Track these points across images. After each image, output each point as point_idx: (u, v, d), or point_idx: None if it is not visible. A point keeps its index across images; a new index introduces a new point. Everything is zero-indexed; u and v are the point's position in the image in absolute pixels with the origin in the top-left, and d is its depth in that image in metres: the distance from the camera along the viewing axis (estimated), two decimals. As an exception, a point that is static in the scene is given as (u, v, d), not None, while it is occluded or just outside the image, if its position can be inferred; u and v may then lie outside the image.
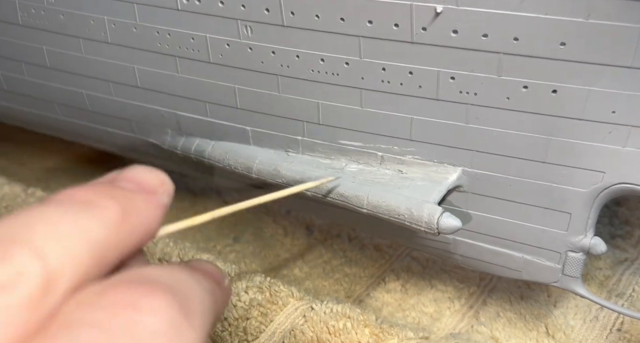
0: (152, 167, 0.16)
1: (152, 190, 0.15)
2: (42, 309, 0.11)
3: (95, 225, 0.13)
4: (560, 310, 0.37)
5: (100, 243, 0.12)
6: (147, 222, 0.14)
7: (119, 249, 0.13)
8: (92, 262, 0.12)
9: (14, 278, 0.11)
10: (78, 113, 0.38)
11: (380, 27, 0.25)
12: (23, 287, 0.11)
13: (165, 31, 0.30)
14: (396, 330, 0.32)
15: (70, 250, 0.12)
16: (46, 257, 0.11)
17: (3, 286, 0.11)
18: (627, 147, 0.25)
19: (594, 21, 0.22)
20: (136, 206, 0.14)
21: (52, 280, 0.11)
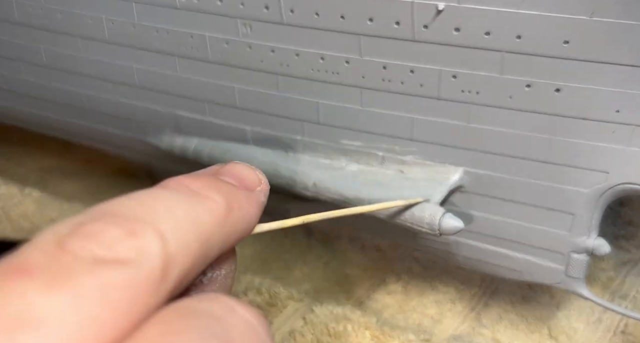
0: (251, 166, 0.16)
1: (252, 187, 0.15)
2: (157, 296, 0.11)
3: (206, 217, 0.13)
4: (563, 312, 0.37)
5: (207, 235, 0.13)
6: (247, 218, 0.14)
7: (221, 243, 0.13)
8: (199, 253, 0.12)
9: (137, 255, 0.11)
10: (75, 112, 0.38)
11: (381, 25, 0.25)
12: (146, 265, 0.11)
13: (164, 30, 0.30)
14: (397, 333, 0.32)
15: (185, 238, 0.12)
16: (167, 240, 0.11)
17: (128, 261, 0.11)
18: (631, 146, 0.25)
19: (598, 19, 0.22)
20: (239, 202, 0.14)
21: (169, 265, 0.11)
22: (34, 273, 0.10)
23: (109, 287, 0.10)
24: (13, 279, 0.10)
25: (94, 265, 0.10)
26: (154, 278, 0.11)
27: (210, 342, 0.10)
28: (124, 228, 0.11)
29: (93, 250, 0.11)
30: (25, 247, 0.11)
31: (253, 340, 0.11)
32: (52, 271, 0.10)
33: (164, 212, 0.12)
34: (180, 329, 0.10)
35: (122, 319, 0.10)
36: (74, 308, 0.10)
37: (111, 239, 0.11)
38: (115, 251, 0.11)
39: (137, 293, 0.10)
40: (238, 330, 0.11)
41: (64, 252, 0.10)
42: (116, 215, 0.11)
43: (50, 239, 0.11)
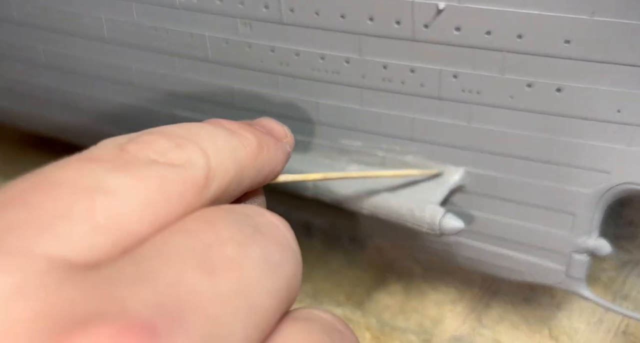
0: (279, 122, 0.18)
1: (279, 137, 0.17)
2: (200, 198, 0.13)
3: (241, 149, 0.15)
4: (564, 312, 0.36)
5: (242, 165, 0.14)
6: (274, 161, 0.16)
7: (252, 178, 0.15)
8: (234, 178, 0.14)
9: (185, 162, 0.13)
10: (75, 112, 0.38)
11: (381, 24, 0.25)
12: (192, 171, 0.13)
13: (163, 29, 0.30)
14: (398, 333, 0.32)
15: (224, 162, 0.14)
16: (209, 157, 0.13)
17: (178, 165, 0.12)
18: (632, 146, 0.25)
19: (599, 18, 0.22)
20: (268, 145, 0.16)
21: (210, 176, 0.13)
22: (102, 161, 0.12)
23: (163, 179, 0.12)
24: (87, 162, 0.12)
25: (149, 163, 0.12)
26: (198, 183, 0.13)
27: (243, 226, 0.12)
28: (174, 142, 0.13)
29: (148, 154, 0.12)
30: (91, 148, 0.13)
31: (278, 235, 0.13)
32: (117, 162, 0.12)
33: (207, 137, 0.14)
34: (219, 215, 0.12)
35: (172, 206, 0.12)
36: (136, 188, 0.11)
37: (163, 148, 0.13)
38: (167, 157, 0.12)
39: (184, 190, 0.12)
40: (266, 225, 0.13)
41: (124, 152, 0.12)
42: (167, 133, 0.13)
43: (112, 144, 0.13)
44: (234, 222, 0.12)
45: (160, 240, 0.11)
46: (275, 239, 0.13)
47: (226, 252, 0.11)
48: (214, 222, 0.12)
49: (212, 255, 0.11)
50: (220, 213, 0.12)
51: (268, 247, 0.12)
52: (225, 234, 0.11)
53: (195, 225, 0.11)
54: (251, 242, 0.12)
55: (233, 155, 0.14)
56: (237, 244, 0.11)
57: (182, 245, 0.11)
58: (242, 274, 0.11)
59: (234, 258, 0.11)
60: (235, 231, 0.12)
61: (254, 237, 0.12)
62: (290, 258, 0.13)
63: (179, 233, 0.11)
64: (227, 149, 0.14)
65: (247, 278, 0.11)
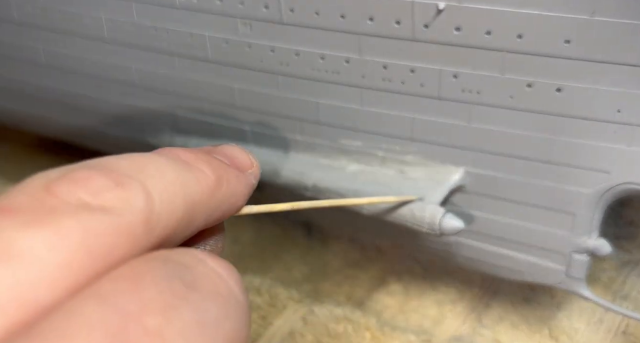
0: (244, 149, 0.17)
1: (243, 168, 0.16)
2: (136, 247, 0.11)
3: (194, 186, 0.13)
4: (564, 312, 0.36)
5: (193, 203, 0.13)
6: (235, 196, 0.15)
7: (206, 216, 0.14)
8: (183, 219, 0.13)
9: (121, 205, 0.11)
10: (75, 112, 0.38)
11: (381, 24, 0.25)
12: (128, 216, 0.11)
13: (163, 29, 0.30)
14: (398, 333, 0.32)
15: (171, 201, 0.12)
16: (152, 197, 0.12)
17: (112, 209, 0.11)
18: (632, 146, 0.25)
19: (599, 18, 0.22)
20: (228, 179, 0.14)
21: (151, 221, 0.12)
22: (16, 212, 0.10)
23: (89, 231, 0.10)
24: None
25: (78, 209, 0.11)
26: (135, 231, 0.11)
27: (174, 283, 0.11)
28: (113, 180, 0.11)
29: (79, 195, 0.11)
30: (13, 189, 0.11)
31: (220, 288, 0.11)
32: (35, 211, 0.10)
33: (154, 172, 0.12)
34: (147, 270, 0.11)
35: (97, 264, 0.10)
36: (52, 247, 0.10)
37: (98, 187, 0.11)
38: (101, 198, 0.11)
39: (115, 242, 0.11)
40: (206, 278, 0.11)
41: (50, 194, 0.11)
42: (107, 167, 0.12)
43: (39, 182, 0.11)
44: (164, 278, 0.10)
45: (68, 312, 0.09)
46: (214, 293, 0.11)
47: (147, 324, 0.10)
48: (139, 281, 0.10)
49: (128, 329, 0.09)
50: (149, 268, 0.11)
51: (203, 305, 0.11)
52: (149, 297, 0.10)
53: (115, 286, 0.10)
54: (181, 303, 0.10)
55: (183, 192, 0.13)
56: (161, 310, 0.10)
57: (91, 318, 0.09)
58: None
59: (156, 332, 0.10)
60: (163, 291, 0.10)
61: (186, 295, 0.10)
62: (233, 313, 0.11)
63: (92, 300, 0.10)
64: (177, 185, 0.12)
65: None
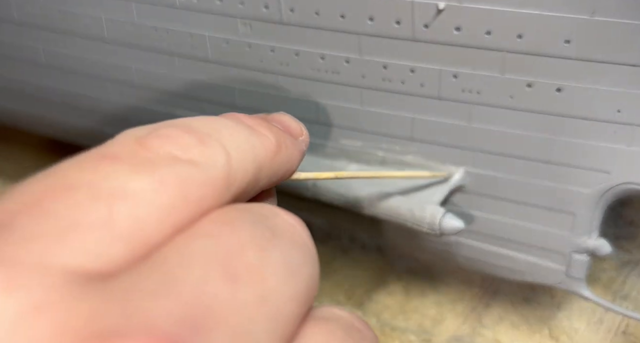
0: (295, 119, 0.18)
1: (295, 135, 0.17)
2: (220, 200, 0.12)
3: (260, 148, 0.14)
4: (564, 312, 0.36)
5: (260, 165, 0.14)
6: (290, 160, 0.16)
7: (268, 177, 0.14)
8: (252, 178, 0.13)
9: (207, 160, 0.12)
10: (75, 112, 0.38)
11: (381, 24, 0.25)
12: (214, 171, 0.12)
13: (163, 29, 0.30)
14: (398, 333, 0.32)
15: (244, 161, 0.13)
16: (230, 156, 0.13)
17: (200, 163, 0.12)
18: (632, 146, 0.25)
19: (599, 18, 0.22)
20: (286, 144, 0.15)
21: (231, 176, 0.12)
22: (122, 160, 0.11)
23: (185, 180, 0.11)
24: (105, 162, 0.11)
25: (171, 161, 0.12)
26: (219, 184, 0.12)
27: (262, 228, 0.12)
28: (198, 138, 0.12)
29: (170, 150, 0.12)
30: (108, 143, 0.12)
31: (296, 236, 0.12)
32: (136, 160, 0.11)
33: (228, 134, 0.13)
34: (238, 216, 0.12)
35: (192, 209, 0.11)
36: (157, 190, 0.11)
37: (186, 143, 0.12)
38: (189, 153, 0.12)
39: (205, 192, 0.12)
40: (283, 226, 0.12)
41: (144, 148, 0.12)
42: (189, 127, 0.13)
43: (131, 137, 0.12)
44: (253, 224, 0.12)
45: (180, 245, 0.10)
46: (293, 241, 0.12)
47: (248, 258, 0.11)
48: (234, 225, 0.11)
49: (235, 261, 0.10)
50: (239, 216, 0.12)
51: (287, 250, 0.12)
52: (245, 238, 0.11)
53: (216, 227, 0.11)
54: (271, 246, 0.11)
55: (252, 154, 0.14)
56: (258, 249, 0.11)
57: (202, 251, 0.10)
58: (264, 281, 0.11)
59: (255, 265, 0.11)
60: (255, 235, 0.11)
61: (273, 240, 0.12)
62: (308, 260, 0.12)
63: (199, 236, 0.11)
64: (247, 147, 0.13)
65: (269, 286, 0.11)
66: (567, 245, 0.28)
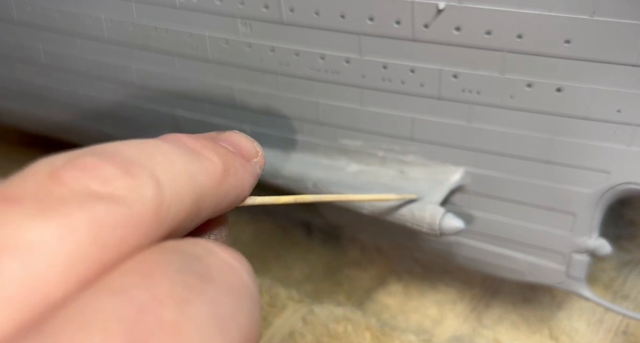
0: (249, 137, 0.16)
1: (249, 157, 0.15)
2: (146, 239, 0.11)
3: (202, 175, 0.13)
4: (564, 312, 0.36)
5: (202, 193, 0.12)
6: (241, 186, 0.14)
7: (213, 206, 0.13)
8: (192, 209, 0.12)
9: (131, 194, 0.11)
10: (75, 112, 0.38)
11: (381, 24, 0.25)
12: (139, 207, 0.11)
13: (163, 29, 0.30)
14: (398, 333, 0.32)
15: (180, 191, 0.12)
16: (162, 187, 0.11)
17: (122, 199, 0.10)
18: (632, 146, 0.25)
19: (599, 18, 0.22)
20: (235, 168, 0.14)
21: (161, 211, 0.11)
22: (23, 202, 0.10)
23: (99, 222, 0.10)
24: (1, 207, 0.10)
25: (87, 199, 0.10)
26: (145, 221, 0.11)
27: (188, 275, 0.10)
28: (122, 168, 0.11)
29: (87, 184, 0.10)
30: (17, 176, 0.11)
31: (233, 279, 0.11)
32: (43, 201, 0.10)
33: (163, 161, 0.12)
34: (160, 262, 0.10)
35: (108, 256, 0.10)
36: (61, 238, 0.09)
37: (107, 175, 0.11)
38: (110, 187, 0.11)
39: (125, 233, 0.10)
40: (218, 268, 0.11)
41: (57, 183, 0.10)
42: (115, 154, 0.11)
43: (44, 169, 0.11)
44: (176, 270, 0.10)
45: (82, 306, 0.09)
46: (228, 285, 0.11)
47: (163, 315, 0.09)
48: (153, 273, 0.10)
49: (145, 322, 0.09)
50: (160, 260, 0.10)
51: (218, 297, 0.10)
52: (164, 289, 0.10)
53: (128, 279, 0.10)
54: (196, 295, 0.10)
55: (192, 182, 0.12)
56: (178, 302, 0.10)
57: (107, 311, 0.09)
58: (181, 340, 0.09)
59: (172, 322, 0.09)
60: (177, 283, 0.10)
61: (200, 288, 0.10)
62: (246, 305, 0.11)
63: (106, 293, 0.09)
64: (186, 175, 0.12)
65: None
66: (567, 245, 0.28)
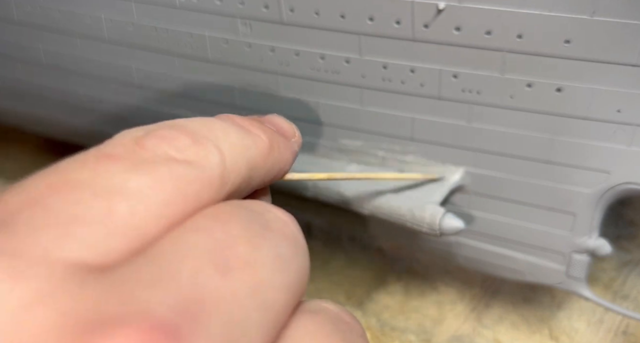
0: (288, 120, 0.18)
1: (288, 136, 0.17)
2: (214, 198, 0.13)
3: (253, 148, 0.14)
4: (564, 312, 0.36)
5: (253, 164, 0.14)
6: (283, 160, 0.16)
7: (261, 177, 0.15)
8: (245, 178, 0.14)
9: (202, 160, 0.13)
10: (75, 112, 0.38)
11: (381, 24, 0.25)
12: (209, 170, 0.13)
13: (163, 29, 0.30)
14: (397, 333, 0.32)
15: (237, 161, 0.14)
16: (225, 156, 0.13)
17: (195, 163, 0.12)
18: (632, 146, 0.25)
19: (599, 18, 0.22)
20: (279, 144, 0.16)
21: (225, 175, 0.13)
22: (120, 159, 0.12)
23: (180, 178, 0.12)
24: (104, 161, 0.12)
25: (167, 161, 0.12)
26: (214, 183, 0.13)
27: (253, 223, 0.12)
28: (192, 138, 0.13)
29: (166, 150, 0.12)
30: (107, 143, 0.13)
31: (286, 230, 0.13)
32: (134, 159, 0.12)
33: (222, 135, 0.14)
34: (231, 211, 0.12)
35: (187, 206, 0.12)
36: (154, 188, 0.11)
37: (181, 144, 0.13)
38: (185, 153, 0.12)
39: (200, 189, 0.12)
40: (274, 221, 0.13)
41: (142, 147, 0.12)
42: (184, 127, 0.13)
43: (129, 137, 0.13)
44: (244, 219, 0.12)
45: (175, 239, 0.11)
46: (284, 235, 0.13)
47: (239, 251, 0.11)
48: (226, 219, 0.12)
49: (226, 254, 0.11)
50: (231, 211, 0.12)
51: (278, 243, 0.12)
52: (237, 232, 0.12)
53: (208, 222, 0.12)
54: (262, 239, 0.12)
55: (246, 154, 0.14)
56: (249, 242, 0.11)
57: (196, 244, 0.11)
58: (256, 273, 0.11)
59: (247, 257, 0.11)
60: (246, 229, 0.12)
61: (264, 234, 0.12)
62: (299, 253, 0.13)
63: (192, 231, 0.11)
64: (241, 147, 0.14)
65: (260, 277, 0.11)
66: (567, 245, 0.28)
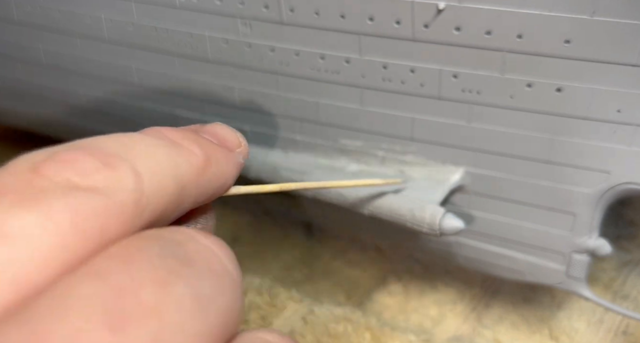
0: (232, 128, 0.17)
1: (231, 148, 0.16)
2: (128, 228, 0.11)
3: (183, 166, 0.13)
4: (564, 312, 0.36)
5: (183, 183, 0.13)
6: (224, 176, 0.15)
7: (195, 196, 0.13)
8: (173, 199, 0.12)
9: (111, 185, 0.11)
10: (75, 112, 0.38)
11: (381, 24, 0.25)
12: (119, 197, 0.11)
13: (163, 29, 0.30)
14: (398, 333, 0.32)
15: (161, 181, 0.12)
16: (141, 178, 0.12)
17: (102, 189, 0.11)
18: (632, 146, 0.25)
19: (599, 18, 0.22)
20: (217, 158, 0.14)
21: (141, 202, 0.11)
22: (5, 193, 0.10)
23: (79, 211, 0.10)
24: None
25: (67, 190, 0.10)
26: (126, 211, 0.11)
27: (168, 259, 0.10)
28: (101, 160, 0.11)
29: (67, 176, 0.11)
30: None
31: (212, 263, 0.11)
32: (24, 193, 0.10)
33: (143, 152, 0.12)
34: (140, 247, 0.11)
35: (89, 244, 0.10)
36: (44, 226, 0.10)
37: (87, 168, 0.11)
38: (90, 179, 0.11)
39: (106, 223, 0.11)
40: (197, 253, 0.11)
41: (37, 176, 0.11)
42: (94, 147, 0.12)
43: (25, 164, 0.11)
44: (156, 255, 0.10)
45: (62, 290, 0.09)
46: (207, 268, 0.11)
47: (142, 297, 0.10)
48: (133, 258, 0.10)
49: (124, 303, 0.09)
50: (143, 246, 0.11)
51: (198, 280, 0.11)
52: (143, 274, 0.10)
53: (109, 264, 0.10)
54: (176, 278, 0.10)
55: (174, 173, 0.12)
56: (157, 284, 0.10)
57: (86, 295, 0.09)
58: (163, 322, 0.10)
59: (151, 304, 0.10)
60: (157, 267, 0.10)
61: (180, 271, 0.10)
62: (226, 288, 0.11)
63: (86, 277, 0.10)
64: (167, 166, 0.12)
65: (169, 325, 0.10)
66: (567, 245, 0.28)
